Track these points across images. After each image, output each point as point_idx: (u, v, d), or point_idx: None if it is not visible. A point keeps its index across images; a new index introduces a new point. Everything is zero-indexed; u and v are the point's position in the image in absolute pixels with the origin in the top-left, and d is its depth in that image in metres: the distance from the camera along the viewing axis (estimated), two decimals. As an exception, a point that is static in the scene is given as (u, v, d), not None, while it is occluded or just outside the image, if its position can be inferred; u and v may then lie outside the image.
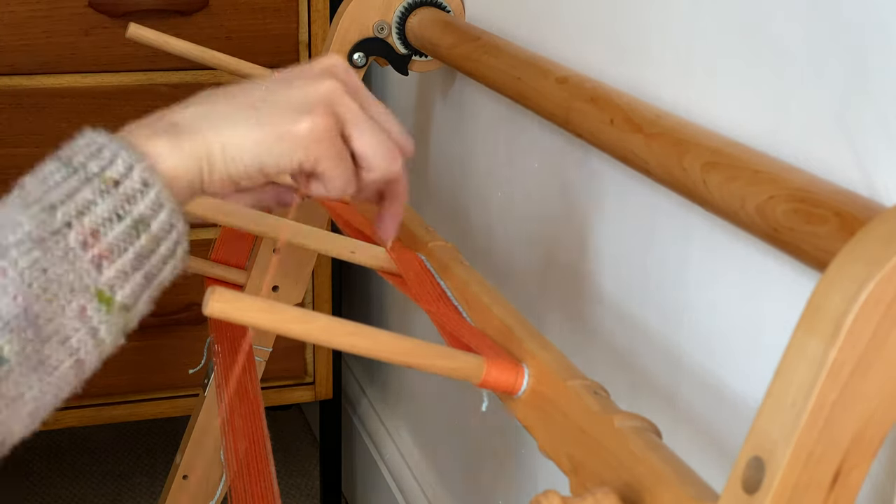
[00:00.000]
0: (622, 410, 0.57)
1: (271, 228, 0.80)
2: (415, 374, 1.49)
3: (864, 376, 0.42)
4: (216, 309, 0.53)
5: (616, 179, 0.89)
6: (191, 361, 1.30)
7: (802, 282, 0.66)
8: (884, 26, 0.58)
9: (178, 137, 0.59)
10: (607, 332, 0.92)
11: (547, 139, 1.01)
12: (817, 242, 0.56)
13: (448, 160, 1.30)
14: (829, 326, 0.42)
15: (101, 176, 0.56)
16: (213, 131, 0.60)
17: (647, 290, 0.86)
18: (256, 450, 1.16)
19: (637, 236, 0.87)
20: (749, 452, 0.44)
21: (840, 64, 0.62)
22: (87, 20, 1.39)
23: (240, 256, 1.17)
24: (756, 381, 0.72)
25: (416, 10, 1.15)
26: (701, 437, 0.78)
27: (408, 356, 0.60)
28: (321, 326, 0.57)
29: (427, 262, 0.79)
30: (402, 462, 1.53)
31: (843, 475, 0.43)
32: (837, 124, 0.62)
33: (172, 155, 0.59)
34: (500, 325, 0.67)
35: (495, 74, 0.97)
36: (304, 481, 1.84)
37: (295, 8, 1.46)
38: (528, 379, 0.63)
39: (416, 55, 1.17)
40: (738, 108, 0.72)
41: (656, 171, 0.72)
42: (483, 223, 1.19)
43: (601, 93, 0.81)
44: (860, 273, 0.41)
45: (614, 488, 0.52)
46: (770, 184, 0.61)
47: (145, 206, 0.57)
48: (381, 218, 0.72)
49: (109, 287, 0.57)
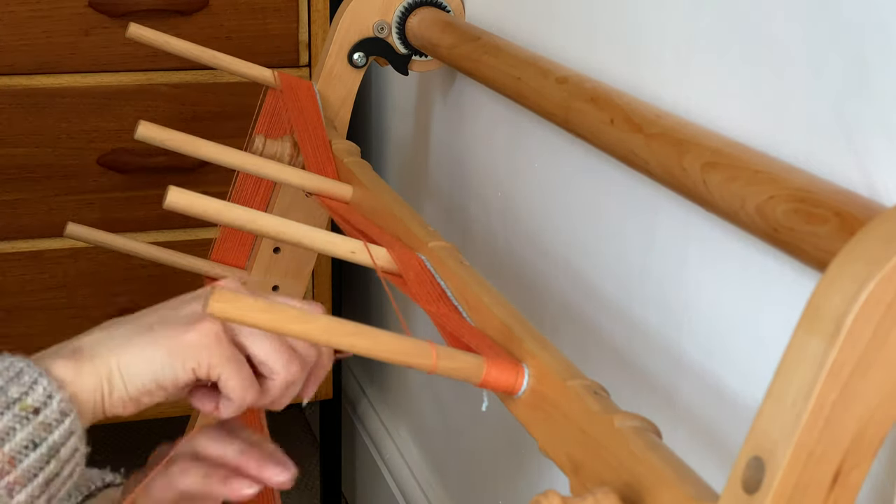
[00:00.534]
0: (622, 410, 0.57)
1: (272, 228, 0.80)
2: (415, 374, 1.49)
3: (865, 376, 0.42)
4: (216, 309, 0.53)
5: (616, 179, 0.89)
6: (191, 361, 1.30)
7: (802, 282, 0.66)
8: (884, 26, 0.58)
9: (79, 362, 0.63)
10: (607, 332, 0.92)
11: (547, 139, 1.01)
12: (817, 242, 0.56)
13: (448, 160, 1.30)
14: (830, 326, 0.42)
15: (22, 402, 0.59)
16: (110, 354, 0.64)
17: (647, 290, 0.86)
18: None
19: (637, 236, 0.87)
20: (749, 452, 0.44)
21: (840, 64, 0.62)
22: (87, 20, 1.39)
23: (240, 256, 1.17)
24: (756, 381, 0.72)
25: (416, 10, 1.15)
26: (701, 437, 0.78)
27: (408, 357, 0.60)
28: (321, 326, 0.57)
29: (427, 262, 0.79)
30: (402, 462, 1.53)
31: (844, 475, 0.43)
32: (837, 124, 0.62)
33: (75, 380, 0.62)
34: (500, 325, 0.67)
35: (495, 74, 0.97)
36: (304, 481, 1.84)
37: (295, 8, 1.46)
38: (528, 379, 0.63)
39: (416, 55, 1.17)
40: (738, 108, 0.72)
41: (656, 171, 0.72)
42: (483, 223, 1.19)
43: (601, 93, 0.81)
44: (860, 273, 0.41)
45: (614, 488, 0.52)
46: (770, 184, 0.61)
47: (59, 434, 0.61)
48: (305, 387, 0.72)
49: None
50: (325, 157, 1.02)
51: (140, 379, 0.64)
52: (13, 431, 0.59)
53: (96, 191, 1.45)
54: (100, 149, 1.43)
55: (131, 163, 1.44)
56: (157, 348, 0.64)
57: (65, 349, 0.64)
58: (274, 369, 0.67)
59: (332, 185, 0.97)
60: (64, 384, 0.62)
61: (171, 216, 1.22)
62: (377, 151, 1.62)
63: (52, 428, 0.60)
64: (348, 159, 1.00)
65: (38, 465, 0.60)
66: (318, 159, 1.01)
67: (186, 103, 1.44)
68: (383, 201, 0.90)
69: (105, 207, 1.46)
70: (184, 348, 0.64)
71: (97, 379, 0.63)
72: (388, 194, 0.91)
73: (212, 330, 0.65)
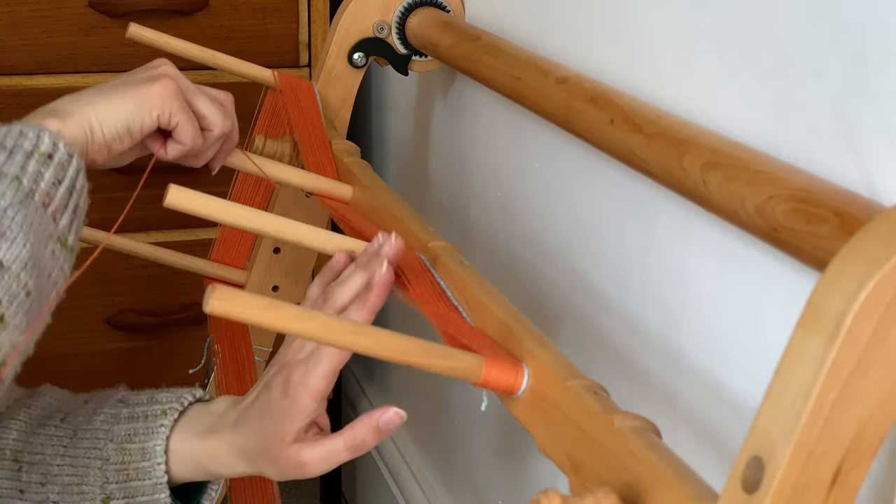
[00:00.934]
0: (622, 410, 0.57)
1: (272, 228, 0.80)
2: (415, 374, 1.49)
3: (864, 376, 0.42)
4: (216, 307, 0.53)
5: (616, 179, 0.89)
6: (191, 361, 1.30)
7: (802, 282, 0.66)
8: (884, 26, 0.58)
9: (63, 118, 0.76)
10: (607, 332, 0.92)
11: (547, 139, 1.01)
12: (817, 242, 0.56)
13: (448, 160, 1.30)
14: (829, 326, 0.42)
15: (38, 150, 0.72)
16: (88, 108, 0.77)
17: (647, 290, 0.86)
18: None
19: (637, 236, 0.87)
20: (749, 452, 0.44)
21: (840, 64, 0.62)
22: (87, 20, 1.39)
23: (240, 256, 1.17)
24: (756, 381, 0.72)
25: (416, 10, 1.15)
26: (701, 437, 0.78)
27: (408, 356, 0.60)
28: (321, 325, 0.57)
29: (427, 262, 0.79)
30: (402, 462, 1.53)
31: (843, 475, 0.43)
32: (837, 124, 0.62)
33: (64, 131, 0.75)
34: (500, 325, 0.67)
35: (495, 74, 0.97)
36: (304, 481, 1.84)
37: (295, 8, 1.46)
38: (527, 379, 0.63)
39: (416, 55, 1.17)
40: (738, 108, 0.72)
41: (656, 171, 0.72)
42: (483, 223, 1.19)
43: (601, 93, 0.81)
44: (860, 273, 0.41)
45: (614, 488, 0.52)
46: (770, 184, 0.61)
47: (73, 170, 0.73)
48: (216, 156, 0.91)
49: (63, 234, 0.73)
50: (325, 157, 1.02)
51: (115, 126, 0.78)
52: (41, 173, 0.71)
53: (96, 191, 1.43)
54: (100, 149, 1.43)
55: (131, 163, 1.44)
56: (127, 101, 0.79)
57: (41, 113, 0.76)
58: (214, 123, 0.85)
59: (331, 185, 0.97)
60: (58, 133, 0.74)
61: (171, 216, 1.22)
62: (377, 151, 1.62)
63: (66, 167, 0.73)
64: (348, 159, 1.00)
65: (66, 196, 0.73)
66: (317, 159, 1.01)
67: (186, 103, 1.44)
68: (383, 201, 0.90)
69: (105, 207, 1.46)
70: (150, 99, 0.79)
71: (81, 128, 0.76)
72: (388, 194, 0.91)
73: (172, 85, 0.81)
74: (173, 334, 1.52)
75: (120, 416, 0.80)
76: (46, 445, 0.80)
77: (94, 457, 0.79)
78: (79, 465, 0.79)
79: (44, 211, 0.70)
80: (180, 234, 1.49)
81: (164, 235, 1.48)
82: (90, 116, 0.76)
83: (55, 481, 0.79)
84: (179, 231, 1.49)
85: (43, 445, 0.80)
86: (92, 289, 1.48)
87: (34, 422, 0.82)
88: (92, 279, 1.47)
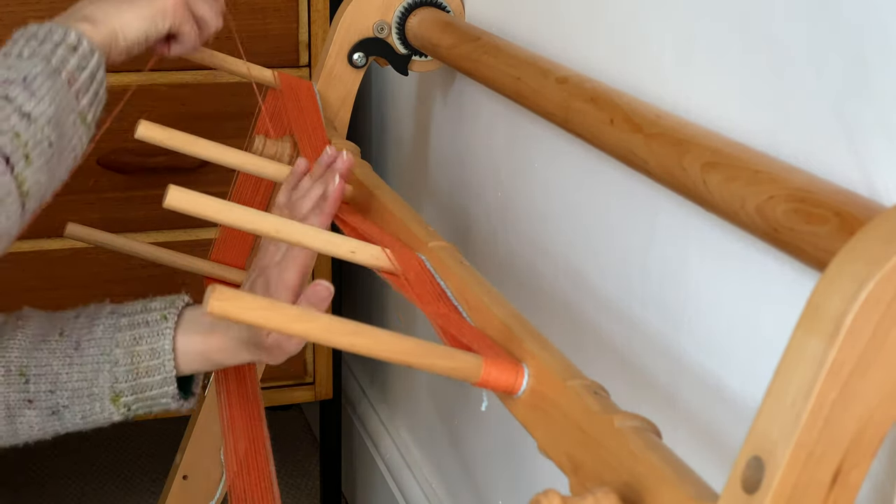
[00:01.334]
0: (622, 410, 0.57)
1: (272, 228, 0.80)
2: (415, 374, 1.49)
3: (864, 376, 0.42)
4: (217, 307, 0.53)
5: (616, 179, 0.89)
6: (191, 361, 1.30)
7: (802, 282, 0.66)
8: (884, 26, 0.58)
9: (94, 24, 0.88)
10: (607, 332, 0.92)
11: (547, 139, 1.01)
12: (817, 242, 0.56)
13: (448, 160, 1.30)
14: (829, 326, 0.42)
15: (66, 43, 0.84)
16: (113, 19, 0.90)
17: (647, 290, 0.86)
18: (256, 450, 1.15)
19: (637, 236, 0.87)
20: (749, 452, 0.44)
21: (840, 64, 0.62)
22: (88, 20, 1.38)
23: (240, 256, 1.17)
24: (756, 381, 0.72)
25: (416, 10, 1.15)
26: (701, 437, 0.78)
27: (408, 356, 0.60)
28: (322, 325, 0.57)
29: (427, 262, 0.79)
30: (402, 462, 1.53)
31: (843, 475, 0.43)
32: (837, 124, 0.62)
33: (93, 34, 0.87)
34: (500, 325, 0.67)
35: (495, 74, 0.97)
36: (304, 481, 1.84)
37: (295, 8, 1.46)
38: (527, 379, 0.63)
39: (416, 55, 1.17)
40: (738, 108, 0.72)
41: (656, 171, 0.72)
42: (483, 223, 1.19)
43: (601, 93, 0.81)
44: (860, 273, 0.41)
45: (614, 488, 0.52)
46: (770, 184, 0.61)
47: (94, 62, 0.86)
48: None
49: (84, 111, 0.85)
50: (325, 157, 1.01)
51: (135, 35, 0.91)
52: (67, 59, 0.83)
53: (96, 191, 1.45)
54: (100, 149, 1.43)
55: (131, 163, 1.44)
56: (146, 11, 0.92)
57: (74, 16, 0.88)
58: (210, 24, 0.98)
59: (332, 185, 0.97)
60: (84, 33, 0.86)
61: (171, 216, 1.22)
62: (377, 151, 1.62)
63: (89, 57, 0.85)
64: (348, 159, 1.00)
65: (88, 81, 0.85)
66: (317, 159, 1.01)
67: (186, 103, 1.44)
68: (383, 201, 0.90)
69: (105, 207, 1.46)
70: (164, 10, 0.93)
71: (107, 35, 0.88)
72: (388, 194, 0.91)
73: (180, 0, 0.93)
74: (173, 334, 1.52)
75: (120, 324, 0.90)
76: (52, 358, 0.89)
77: (103, 361, 0.89)
78: (87, 370, 0.89)
79: (68, 87, 0.83)
80: (180, 234, 1.49)
81: (164, 235, 1.48)
82: (115, 25, 0.89)
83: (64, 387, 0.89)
84: (179, 231, 1.49)
85: (48, 358, 0.89)
86: (92, 289, 1.48)
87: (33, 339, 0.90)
88: (92, 279, 1.48)
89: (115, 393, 0.89)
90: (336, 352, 1.58)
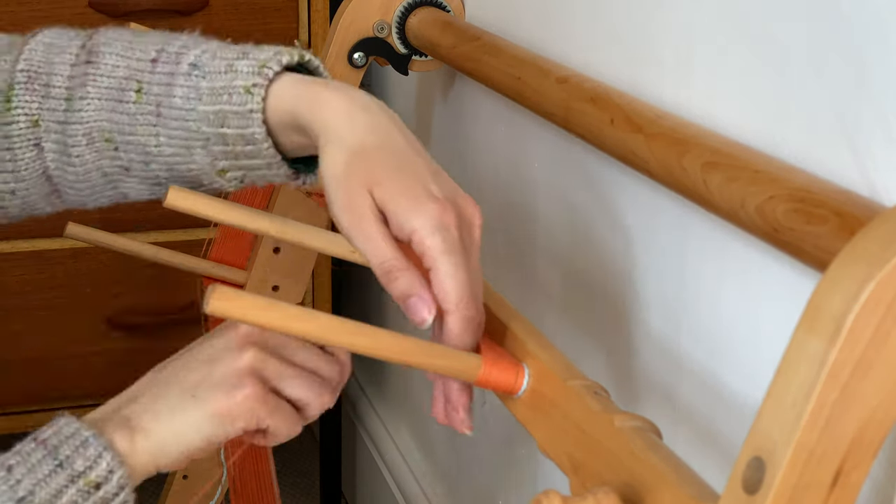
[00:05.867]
0: (622, 410, 0.57)
1: (272, 228, 0.80)
2: (415, 374, 1.49)
3: (865, 376, 0.42)
4: (217, 307, 0.54)
5: (616, 179, 0.89)
6: (191, 361, 1.30)
7: (802, 282, 0.66)
8: (884, 26, 0.58)
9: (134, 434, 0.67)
10: (607, 332, 0.92)
11: (547, 139, 1.01)
12: (817, 242, 0.56)
13: (448, 160, 1.30)
14: (830, 326, 0.42)
15: (86, 477, 0.65)
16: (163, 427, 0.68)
17: (647, 291, 0.86)
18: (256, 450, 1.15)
19: (637, 236, 0.87)
20: (749, 453, 0.44)
21: (840, 63, 0.62)
22: (87, 20, 1.39)
23: (240, 256, 1.17)
24: (756, 381, 0.72)
25: (416, 9, 1.15)
26: (701, 437, 0.78)
27: (408, 356, 0.60)
28: (322, 325, 0.57)
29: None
30: (402, 462, 1.53)
31: (844, 475, 0.43)
32: (837, 124, 0.62)
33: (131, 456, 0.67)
34: (500, 325, 0.67)
35: (495, 74, 0.97)
36: (304, 481, 1.84)
37: (295, 8, 1.46)
38: (528, 379, 0.63)
39: (416, 55, 1.17)
40: (738, 108, 0.72)
41: (656, 171, 0.72)
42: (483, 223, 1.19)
43: (601, 93, 0.81)
44: (860, 273, 0.41)
45: (614, 488, 0.52)
46: (770, 184, 0.61)
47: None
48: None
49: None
50: (325, 157, 1.01)
51: (193, 445, 0.68)
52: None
53: (96, 191, 1.45)
54: (100, 149, 1.43)
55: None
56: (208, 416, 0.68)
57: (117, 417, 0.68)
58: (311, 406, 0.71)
59: (332, 185, 0.97)
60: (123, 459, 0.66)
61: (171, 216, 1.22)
62: (377, 151, 1.61)
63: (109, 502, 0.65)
64: (348, 159, 1.00)
65: None
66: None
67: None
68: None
69: (105, 207, 1.46)
70: (233, 413, 0.68)
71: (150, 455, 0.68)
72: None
73: (256, 391, 0.68)
74: (173, 334, 1.52)
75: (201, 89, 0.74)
76: (135, 125, 0.75)
77: (193, 139, 0.74)
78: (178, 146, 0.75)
79: None
80: (180, 234, 1.49)
81: (164, 235, 1.48)
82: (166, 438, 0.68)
83: (157, 161, 0.76)
84: (179, 231, 1.49)
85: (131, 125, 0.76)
86: (92, 289, 1.48)
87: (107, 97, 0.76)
88: (92, 279, 1.48)
89: (219, 169, 0.75)
90: (336, 352, 1.58)
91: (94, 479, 0.65)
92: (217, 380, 0.69)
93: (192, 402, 0.68)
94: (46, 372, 1.49)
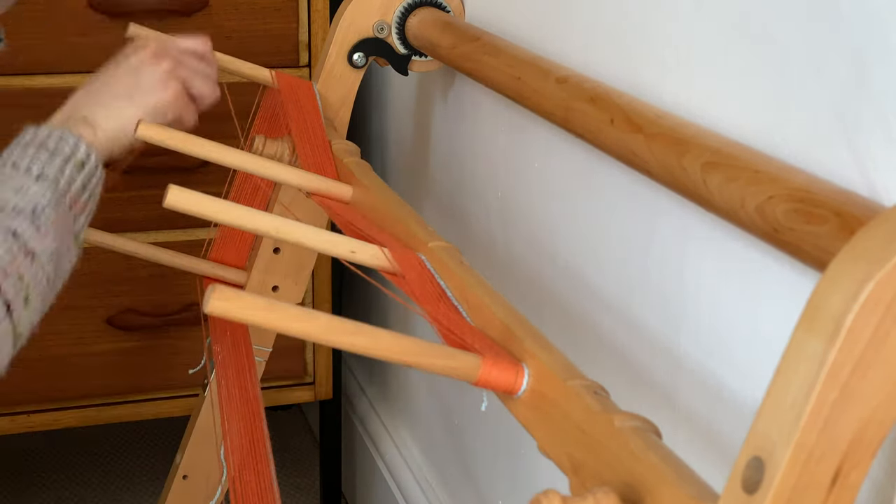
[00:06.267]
0: (622, 410, 0.57)
1: (272, 228, 0.80)
2: (415, 374, 1.49)
3: (864, 376, 0.42)
4: (217, 307, 0.54)
5: (616, 179, 0.89)
6: (191, 361, 1.30)
7: (802, 282, 0.66)
8: (884, 26, 0.59)
9: (94, 128, 0.88)
10: (607, 331, 0.92)
11: (547, 139, 1.01)
12: (817, 242, 0.56)
13: (448, 160, 1.30)
14: (829, 326, 0.42)
15: (74, 158, 0.85)
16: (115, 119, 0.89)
17: (647, 290, 0.86)
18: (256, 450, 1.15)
19: (637, 236, 0.87)
20: (749, 453, 0.44)
21: (840, 63, 0.62)
22: (87, 20, 1.39)
23: (239, 256, 1.17)
24: (756, 381, 0.72)
25: (415, 10, 1.15)
26: (701, 437, 0.78)
27: (408, 356, 0.60)
28: (322, 325, 0.57)
29: (427, 262, 0.79)
30: (402, 462, 1.53)
31: (843, 475, 0.43)
32: (837, 124, 0.62)
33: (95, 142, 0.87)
34: (500, 325, 0.67)
35: (495, 74, 0.97)
36: (304, 481, 1.84)
37: (295, 8, 1.46)
38: (527, 379, 0.63)
39: (416, 55, 1.17)
40: (738, 108, 0.72)
41: (656, 171, 0.72)
42: (483, 223, 1.19)
43: (601, 93, 0.81)
44: (860, 273, 0.41)
45: (614, 488, 0.52)
46: (770, 184, 0.61)
47: (96, 180, 0.87)
48: None
49: (79, 231, 0.85)
50: (325, 158, 1.02)
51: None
52: (74, 178, 0.84)
53: (96, 191, 1.45)
54: (100, 149, 1.43)
55: (131, 162, 1.44)
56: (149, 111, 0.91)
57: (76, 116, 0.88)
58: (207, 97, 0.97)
59: (331, 185, 0.97)
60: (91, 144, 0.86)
61: (171, 216, 1.22)
62: (377, 151, 1.62)
63: (93, 176, 0.86)
64: (348, 159, 1.00)
65: (88, 201, 0.86)
66: (317, 159, 1.01)
67: (186, 103, 1.44)
68: (383, 201, 0.90)
69: (105, 207, 1.46)
70: (164, 106, 0.92)
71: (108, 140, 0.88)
72: (387, 194, 0.91)
73: (177, 89, 0.93)
74: (173, 334, 1.52)
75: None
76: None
77: None
78: None
79: (69, 210, 0.83)
80: (180, 234, 1.49)
81: (164, 235, 1.48)
82: (116, 127, 0.89)
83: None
84: (179, 231, 1.49)
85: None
86: (92, 289, 1.48)
87: None
88: (92, 279, 1.48)
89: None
90: (336, 351, 1.58)
91: (80, 159, 0.85)
92: (147, 85, 0.92)
93: (130, 101, 0.91)
94: (46, 372, 1.49)
